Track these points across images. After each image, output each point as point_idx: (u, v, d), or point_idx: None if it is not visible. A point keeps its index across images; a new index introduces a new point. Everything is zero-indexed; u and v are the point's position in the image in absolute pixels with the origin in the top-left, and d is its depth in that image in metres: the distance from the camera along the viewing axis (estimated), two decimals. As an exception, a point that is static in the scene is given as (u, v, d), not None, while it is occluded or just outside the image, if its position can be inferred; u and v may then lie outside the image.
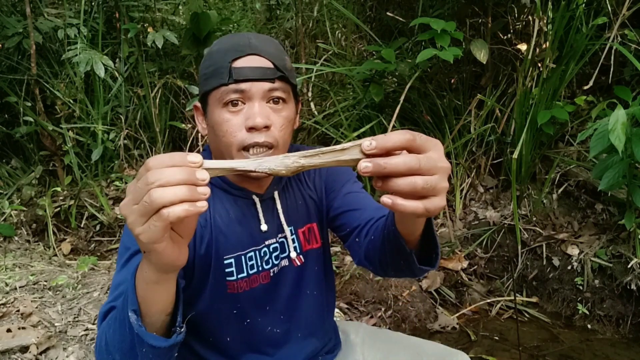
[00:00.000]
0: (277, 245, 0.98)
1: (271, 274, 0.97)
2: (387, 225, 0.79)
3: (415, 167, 0.54)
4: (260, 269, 0.96)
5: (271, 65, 0.88)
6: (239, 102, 0.88)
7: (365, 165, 0.54)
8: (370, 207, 0.97)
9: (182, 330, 0.68)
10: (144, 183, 0.53)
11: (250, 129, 0.87)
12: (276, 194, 0.99)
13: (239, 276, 0.94)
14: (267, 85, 0.88)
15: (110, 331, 0.70)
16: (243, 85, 0.87)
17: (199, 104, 0.97)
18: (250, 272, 0.95)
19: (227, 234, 0.93)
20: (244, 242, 0.95)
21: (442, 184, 0.55)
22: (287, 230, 0.98)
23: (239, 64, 0.87)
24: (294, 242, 1.00)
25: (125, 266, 0.82)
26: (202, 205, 0.54)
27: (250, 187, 0.97)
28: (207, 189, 0.55)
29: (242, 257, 0.94)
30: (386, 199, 0.56)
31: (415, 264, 0.76)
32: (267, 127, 0.87)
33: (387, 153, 0.55)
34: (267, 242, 0.97)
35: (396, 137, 0.54)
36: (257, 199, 0.97)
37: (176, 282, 0.67)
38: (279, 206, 0.98)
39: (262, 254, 0.96)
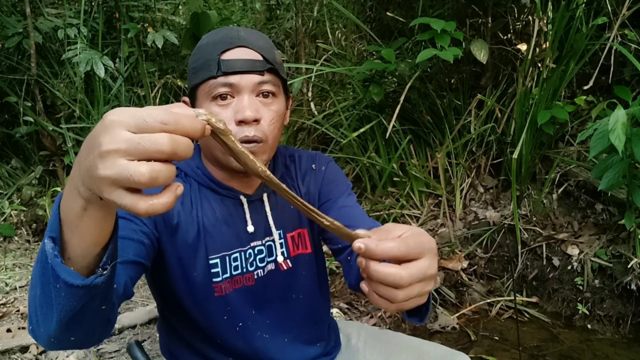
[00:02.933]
0: (262, 248, 0.96)
1: (255, 277, 0.95)
2: None
3: (397, 282, 0.52)
4: (244, 270, 0.94)
5: (260, 58, 0.87)
6: (228, 96, 0.86)
7: (358, 246, 0.53)
8: (363, 226, 0.94)
9: (105, 272, 0.54)
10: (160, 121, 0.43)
11: (240, 123, 0.85)
12: (265, 196, 0.97)
13: (224, 277, 0.92)
14: (256, 77, 0.86)
15: (36, 264, 0.59)
16: (232, 79, 0.85)
17: (187, 99, 0.95)
18: (234, 273, 0.93)
19: (213, 234, 0.91)
20: (230, 242, 0.93)
21: (426, 288, 0.54)
22: (275, 233, 0.96)
23: (227, 56, 0.86)
24: (281, 247, 0.97)
25: None
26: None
27: (238, 186, 0.95)
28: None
29: (227, 257, 0.92)
30: (364, 285, 0.56)
31: (404, 315, 0.74)
32: (256, 121, 0.86)
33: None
34: (252, 244, 0.95)
35: (387, 248, 0.52)
36: (244, 200, 0.95)
37: (115, 221, 0.55)
38: (267, 209, 0.96)
39: (246, 256, 0.94)
